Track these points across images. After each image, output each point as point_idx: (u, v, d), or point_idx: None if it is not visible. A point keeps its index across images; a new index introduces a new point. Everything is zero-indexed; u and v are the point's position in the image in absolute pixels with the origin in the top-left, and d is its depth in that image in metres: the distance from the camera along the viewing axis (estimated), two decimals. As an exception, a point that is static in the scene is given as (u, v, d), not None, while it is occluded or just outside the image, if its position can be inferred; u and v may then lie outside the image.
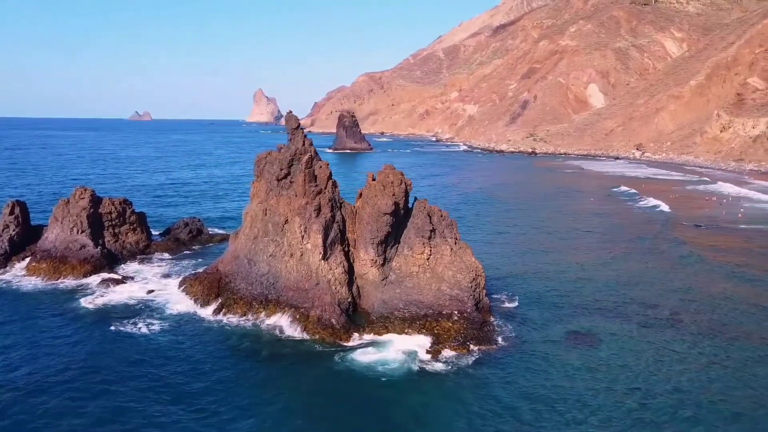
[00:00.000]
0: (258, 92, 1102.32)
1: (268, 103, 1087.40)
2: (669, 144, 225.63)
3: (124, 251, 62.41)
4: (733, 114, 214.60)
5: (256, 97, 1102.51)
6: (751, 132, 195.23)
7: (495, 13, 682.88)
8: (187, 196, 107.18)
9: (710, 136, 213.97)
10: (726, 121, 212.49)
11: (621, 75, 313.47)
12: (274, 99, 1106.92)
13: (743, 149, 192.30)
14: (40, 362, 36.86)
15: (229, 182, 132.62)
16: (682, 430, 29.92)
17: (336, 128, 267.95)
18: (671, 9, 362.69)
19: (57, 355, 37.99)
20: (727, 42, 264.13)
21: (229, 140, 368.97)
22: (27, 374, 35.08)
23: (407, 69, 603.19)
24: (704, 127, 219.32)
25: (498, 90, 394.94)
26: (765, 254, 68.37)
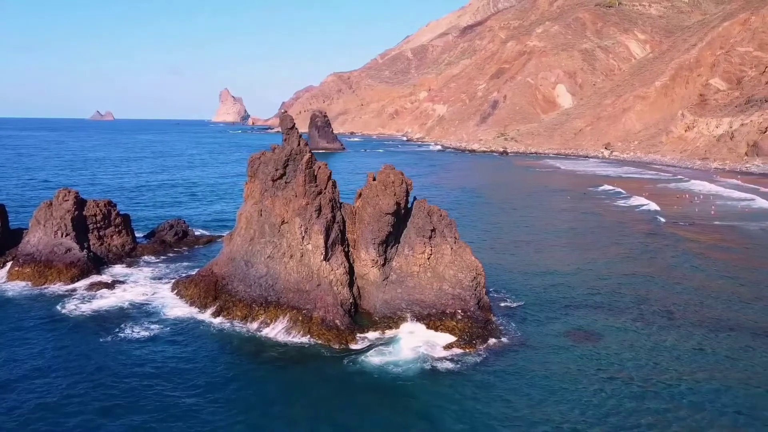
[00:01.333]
0: (224, 92, 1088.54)
1: (234, 103, 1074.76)
2: (636, 143, 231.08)
3: (110, 254, 60.93)
4: (697, 114, 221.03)
5: (222, 96, 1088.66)
6: (714, 131, 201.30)
7: (462, 13, 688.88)
8: (165, 198, 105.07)
9: (676, 136, 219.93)
10: (690, 121, 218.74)
11: (588, 76, 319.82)
12: (241, 99, 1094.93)
13: (708, 148, 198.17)
14: (36, 372, 35.49)
15: (207, 184, 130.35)
16: (685, 417, 30.76)
17: (308, 128, 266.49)
18: (634, 11, 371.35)
19: (53, 364, 36.62)
20: (689, 44, 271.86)
21: (199, 140, 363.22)
22: (23, 384, 33.80)
23: (376, 69, 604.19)
24: (669, 127, 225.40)
25: (467, 90, 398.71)
26: (743, 249, 70.58)
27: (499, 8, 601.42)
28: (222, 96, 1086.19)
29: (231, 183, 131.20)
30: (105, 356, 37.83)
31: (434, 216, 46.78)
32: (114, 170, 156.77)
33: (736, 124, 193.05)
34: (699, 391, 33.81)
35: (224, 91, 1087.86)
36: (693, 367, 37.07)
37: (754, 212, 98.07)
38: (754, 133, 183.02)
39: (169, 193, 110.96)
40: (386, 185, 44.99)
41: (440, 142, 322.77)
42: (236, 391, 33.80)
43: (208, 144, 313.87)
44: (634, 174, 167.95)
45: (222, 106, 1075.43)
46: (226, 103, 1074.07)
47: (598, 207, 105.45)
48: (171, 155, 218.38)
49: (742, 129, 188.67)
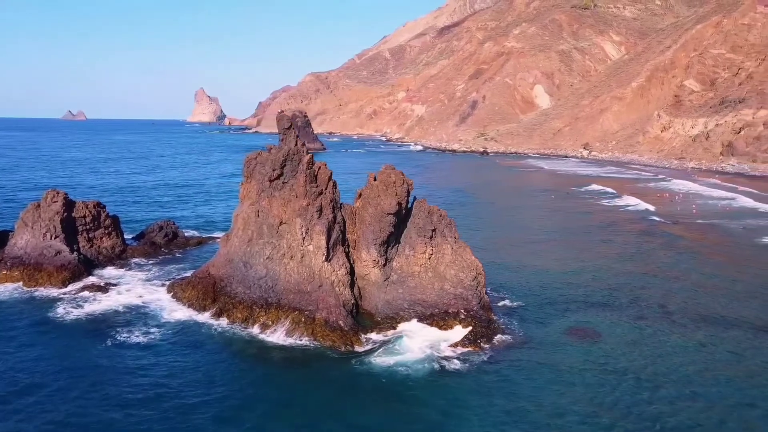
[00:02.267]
0: (199, 91, 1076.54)
1: (210, 103, 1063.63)
2: (614, 143, 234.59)
3: (100, 256, 59.83)
4: (673, 115, 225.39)
5: (198, 96, 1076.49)
6: (690, 132, 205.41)
7: (439, 14, 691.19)
8: (150, 200, 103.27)
9: (652, 136, 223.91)
10: (666, 122, 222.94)
11: (565, 76, 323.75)
12: (217, 98, 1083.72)
13: (684, 148, 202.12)
14: (31, 380, 34.38)
15: (191, 185, 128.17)
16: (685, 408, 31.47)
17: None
18: (609, 13, 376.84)
19: (49, 371, 35.52)
20: (664, 46, 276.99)
21: (178, 141, 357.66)
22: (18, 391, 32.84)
23: (353, 69, 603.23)
24: (646, 127, 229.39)
25: (446, 90, 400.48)
26: (730, 247, 72.15)
27: (475, 9, 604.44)
28: (197, 96, 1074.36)
29: (216, 184, 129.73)
30: (103, 361, 36.96)
31: (434, 216, 46.88)
32: (94, 171, 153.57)
33: (711, 124, 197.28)
34: (702, 385, 34.49)
35: (200, 90, 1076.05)
36: (693, 362, 37.76)
37: (734, 211, 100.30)
38: (729, 134, 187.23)
39: (154, 195, 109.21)
40: (387, 185, 44.96)
41: (420, 143, 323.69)
42: (244, 395, 33.42)
43: (187, 144, 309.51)
44: (616, 174, 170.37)
45: (197, 106, 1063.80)
46: (201, 103, 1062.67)
47: (587, 206, 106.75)
48: (151, 156, 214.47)
49: (717, 129, 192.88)
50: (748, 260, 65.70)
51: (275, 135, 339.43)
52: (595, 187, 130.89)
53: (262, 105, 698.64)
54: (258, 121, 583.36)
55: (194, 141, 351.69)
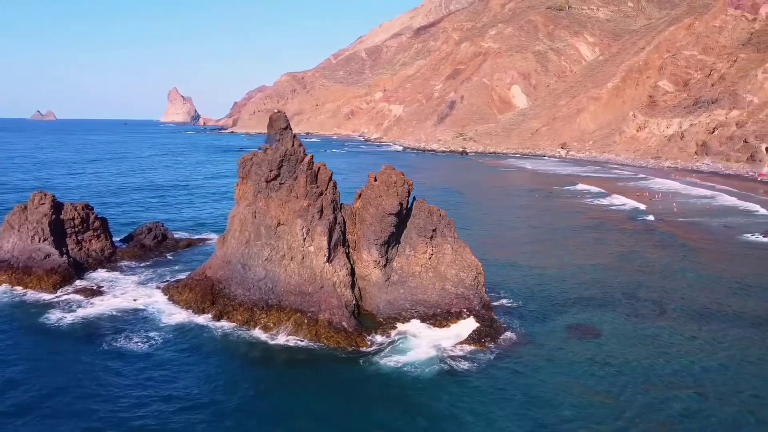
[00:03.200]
0: (173, 91, 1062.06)
1: (183, 103, 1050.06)
2: (591, 143, 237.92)
3: (90, 259, 58.62)
4: (648, 115, 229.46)
5: (171, 96, 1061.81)
6: (665, 132, 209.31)
7: (415, 14, 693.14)
8: (134, 201, 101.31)
9: (628, 136, 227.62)
10: (642, 121, 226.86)
11: (541, 77, 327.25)
12: (190, 98, 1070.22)
13: (659, 147, 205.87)
14: (31, 386, 33.60)
15: (175, 186, 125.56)
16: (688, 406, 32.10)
17: (267, 128, 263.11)
18: (583, 15, 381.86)
19: (49, 376, 34.78)
20: (638, 47, 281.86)
21: (154, 141, 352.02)
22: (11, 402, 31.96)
23: (330, 69, 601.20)
24: (622, 127, 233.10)
25: (423, 90, 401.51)
26: (714, 243, 73.70)
27: (451, 10, 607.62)
28: (171, 95, 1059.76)
29: (199, 185, 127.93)
30: (103, 368, 36.14)
31: (434, 216, 47.00)
32: (73, 173, 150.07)
33: (686, 124, 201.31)
34: (701, 378, 35.48)
35: (173, 90, 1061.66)
36: (689, 356, 38.69)
37: (715, 209, 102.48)
38: (703, 133, 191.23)
39: (137, 196, 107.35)
40: (389, 186, 44.91)
41: (399, 142, 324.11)
42: (254, 399, 33.09)
43: (164, 145, 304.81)
44: (597, 173, 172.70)
45: (171, 106, 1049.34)
46: (175, 103, 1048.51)
47: (576, 205, 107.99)
48: (129, 157, 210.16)
49: (691, 129, 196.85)
50: (733, 257, 67.22)
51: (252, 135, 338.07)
52: (582, 187, 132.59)
53: (238, 105, 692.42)
54: (234, 122, 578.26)
55: (171, 141, 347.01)
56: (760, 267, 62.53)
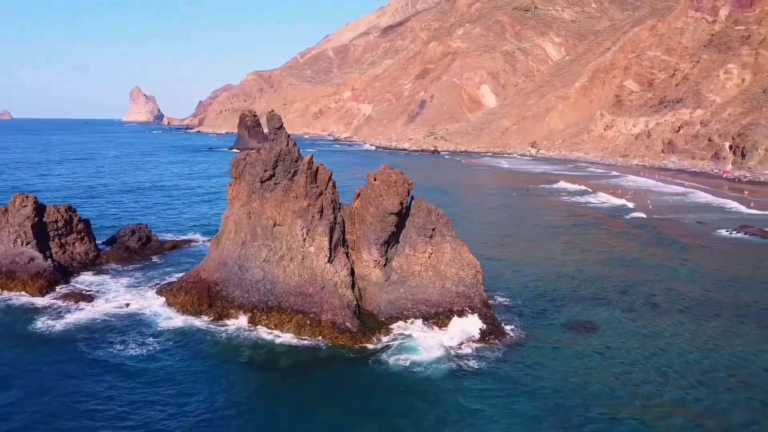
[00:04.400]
0: (135, 90, 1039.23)
1: (146, 102, 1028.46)
2: (561, 141, 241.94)
3: (74, 263, 56.97)
4: (615, 114, 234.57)
5: (133, 95, 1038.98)
6: (632, 130, 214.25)
7: (382, 13, 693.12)
8: (108, 203, 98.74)
9: (596, 134, 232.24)
10: (609, 120, 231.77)
11: (510, 76, 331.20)
12: (154, 97, 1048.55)
13: (627, 146, 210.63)
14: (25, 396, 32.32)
15: (149, 187, 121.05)
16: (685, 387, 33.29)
17: (237, 128, 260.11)
18: (549, 15, 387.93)
19: (43, 387, 33.42)
20: (603, 47, 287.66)
21: (119, 141, 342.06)
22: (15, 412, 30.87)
23: (297, 68, 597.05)
24: (590, 126, 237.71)
25: (392, 90, 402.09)
26: (692, 238, 75.77)
27: (418, 9, 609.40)
28: (133, 94, 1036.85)
29: (175, 185, 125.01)
30: (101, 376, 34.97)
31: (432, 215, 47.11)
32: (40, 174, 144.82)
33: (652, 123, 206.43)
34: (699, 370, 36.74)
35: (135, 89, 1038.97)
36: (683, 347, 40.06)
37: (688, 206, 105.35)
38: (669, 132, 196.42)
39: (113, 198, 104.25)
40: (389, 185, 44.83)
41: (370, 142, 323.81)
42: (264, 402, 32.66)
43: (131, 145, 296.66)
44: (571, 171, 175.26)
45: (133, 105, 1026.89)
46: (137, 102, 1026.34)
47: (559, 203, 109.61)
48: (97, 157, 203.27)
49: (657, 128, 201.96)
50: (711, 252, 69.28)
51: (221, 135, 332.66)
52: (564, 185, 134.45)
53: (203, 104, 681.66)
54: (200, 121, 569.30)
55: (137, 141, 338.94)
56: (736, 261, 64.58)
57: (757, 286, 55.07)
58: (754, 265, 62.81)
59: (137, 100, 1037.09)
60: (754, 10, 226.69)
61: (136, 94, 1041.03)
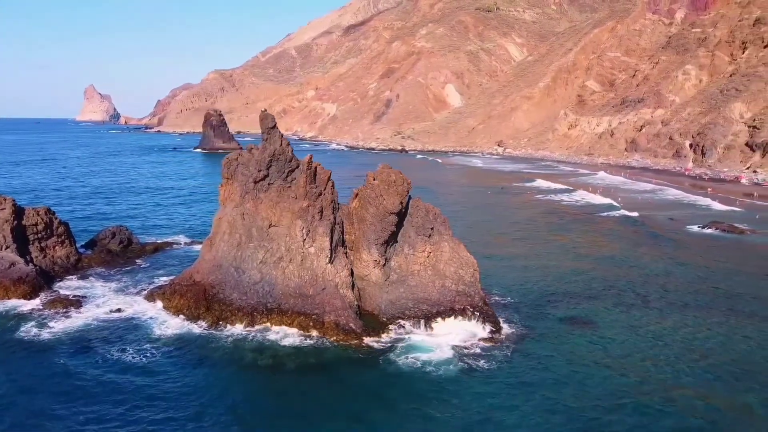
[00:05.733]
0: (89, 88, 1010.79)
1: (102, 101, 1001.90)
2: (526, 140, 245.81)
3: (56, 267, 55.04)
4: (579, 113, 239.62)
5: (88, 93, 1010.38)
6: (596, 129, 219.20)
7: (343, 12, 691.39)
8: (80, 206, 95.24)
9: (561, 133, 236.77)
10: (573, 120, 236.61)
11: (474, 76, 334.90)
12: (109, 96, 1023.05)
13: (591, 145, 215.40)
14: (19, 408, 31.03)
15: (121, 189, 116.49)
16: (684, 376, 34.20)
17: (202, 127, 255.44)
18: (511, 16, 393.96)
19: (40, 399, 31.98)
20: (565, 48, 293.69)
21: (78, 141, 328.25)
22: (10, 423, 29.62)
23: (259, 67, 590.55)
24: (555, 125, 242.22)
25: (357, 89, 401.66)
26: (667, 234, 77.99)
27: (379, 9, 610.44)
28: (87, 93, 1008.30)
29: (147, 187, 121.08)
30: (100, 385, 33.60)
31: (430, 214, 47.20)
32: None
33: (615, 122, 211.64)
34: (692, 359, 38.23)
35: (89, 87, 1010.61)
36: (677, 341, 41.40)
37: (658, 203, 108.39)
38: (631, 131, 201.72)
39: (85, 201, 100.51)
40: (389, 185, 44.67)
41: (337, 141, 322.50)
42: (274, 407, 32.00)
43: (91, 145, 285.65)
44: (543, 170, 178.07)
45: (88, 104, 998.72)
46: (92, 101, 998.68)
47: (535, 201, 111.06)
48: (58, 158, 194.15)
49: (620, 127, 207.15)
50: (688, 247, 71.49)
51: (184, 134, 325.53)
52: (541, 183, 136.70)
53: (161, 103, 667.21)
54: (159, 120, 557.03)
55: (97, 141, 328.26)
56: (714, 256, 66.81)
57: (736, 278, 57.15)
58: (728, 259, 65.11)
59: (92, 98, 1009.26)
60: (709, 13, 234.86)
61: (91, 93, 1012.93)
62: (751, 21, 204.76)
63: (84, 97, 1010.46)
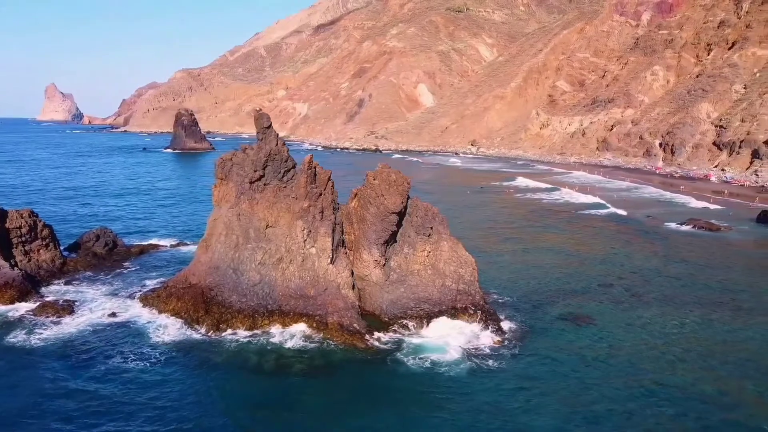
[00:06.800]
0: (50, 87, 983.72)
1: (63, 100, 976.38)
2: (500, 140, 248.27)
3: (41, 271, 53.37)
4: (550, 113, 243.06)
5: (49, 92, 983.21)
6: (568, 129, 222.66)
7: (312, 12, 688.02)
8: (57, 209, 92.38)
9: (533, 133, 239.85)
10: (545, 119, 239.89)
11: (445, 76, 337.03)
12: (71, 95, 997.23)
13: (563, 144, 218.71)
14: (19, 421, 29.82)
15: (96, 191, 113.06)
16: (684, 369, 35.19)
17: (173, 127, 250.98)
18: (481, 17, 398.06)
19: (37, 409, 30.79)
20: (536, 49, 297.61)
21: (43, 141, 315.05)
22: None
23: (228, 66, 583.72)
24: (527, 125, 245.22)
25: (328, 88, 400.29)
26: (644, 231, 79.68)
27: (348, 8, 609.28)
28: (48, 92, 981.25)
29: (123, 189, 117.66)
30: (101, 394, 32.59)
31: (429, 213, 47.26)
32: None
33: (586, 122, 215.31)
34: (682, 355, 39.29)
35: (51, 86, 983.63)
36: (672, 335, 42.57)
37: (635, 201, 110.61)
38: (602, 131, 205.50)
39: (59, 203, 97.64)
40: (390, 184, 44.57)
41: (309, 141, 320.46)
42: (285, 411, 31.44)
43: (58, 146, 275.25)
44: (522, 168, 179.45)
45: (49, 103, 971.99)
46: (53, 100, 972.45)
47: (520, 200, 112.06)
48: (25, 159, 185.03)
49: (591, 127, 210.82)
50: (669, 243, 73.19)
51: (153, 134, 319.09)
52: (523, 181, 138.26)
53: (127, 103, 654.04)
54: (125, 120, 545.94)
55: (64, 142, 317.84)
56: (696, 252, 68.56)
57: (720, 273, 58.81)
58: (710, 255, 66.95)
59: (53, 98, 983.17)
60: (674, 16, 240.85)
61: (52, 92, 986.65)
62: (715, 23, 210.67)
63: (45, 95, 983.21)
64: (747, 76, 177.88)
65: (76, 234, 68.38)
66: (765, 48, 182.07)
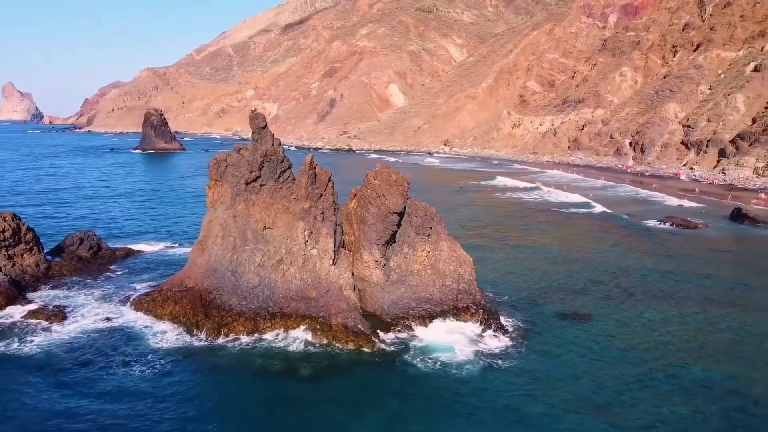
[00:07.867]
0: (8, 86, 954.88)
1: (22, 99, 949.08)
2: (472, 140, 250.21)
3: (26, 276, 51.62)
4: (521, 113, 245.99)
5: (6, 91, 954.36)
6: (539, 129, 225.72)
7: (280, 11, 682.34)
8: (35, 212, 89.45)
9: (505, 133, 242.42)
10: (516, 119, 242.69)
11: (416, 76, 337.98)
12: (30, 94, 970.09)
13: (535, 143, 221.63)
14: None
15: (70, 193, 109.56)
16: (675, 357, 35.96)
17: (142, 127, 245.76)
18: (450, 18, 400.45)
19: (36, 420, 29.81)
20: (506, 49, 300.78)
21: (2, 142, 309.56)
22: None
23: (195, 65, 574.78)
24: (499, 125, 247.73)
25: (299, 88, 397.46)
26: (627, 229, 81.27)
27: (317, 8, 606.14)
28: (5, 91, 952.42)
29: (97, 191, 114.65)
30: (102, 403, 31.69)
31: (428, 213, 47.28)
32: None
33: (557, 122, 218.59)
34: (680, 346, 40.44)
35: (8, 85, 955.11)
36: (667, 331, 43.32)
37: (613, 199, 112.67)
38: (573, 130, 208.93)
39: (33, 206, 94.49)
40: (390, 184, 44.46)
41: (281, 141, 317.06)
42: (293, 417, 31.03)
43: (20, 147, 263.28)
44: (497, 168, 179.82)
45: (7, 103, 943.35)
46: (11, 99, 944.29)
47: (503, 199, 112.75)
48: None
49: (562, 126, 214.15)
50: (651, 241, 74.79)
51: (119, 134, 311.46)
52: (503, 180, 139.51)
53: (89, 102, 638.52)
54: (89, 120, 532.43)
55: (26, 142, 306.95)
56: (683, 250, 70.19)
57: (704, 269, 60.35)
58: (692, 252, 68.69)
59: (11, 97, 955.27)
60: (641, 18, 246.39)
61: (10, 91, 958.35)
62: (680, 26, 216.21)
63: (2, 95, 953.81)
64: (712, 77, 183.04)
65: (56, 237, 66.50)
66: (728, 50, 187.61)
